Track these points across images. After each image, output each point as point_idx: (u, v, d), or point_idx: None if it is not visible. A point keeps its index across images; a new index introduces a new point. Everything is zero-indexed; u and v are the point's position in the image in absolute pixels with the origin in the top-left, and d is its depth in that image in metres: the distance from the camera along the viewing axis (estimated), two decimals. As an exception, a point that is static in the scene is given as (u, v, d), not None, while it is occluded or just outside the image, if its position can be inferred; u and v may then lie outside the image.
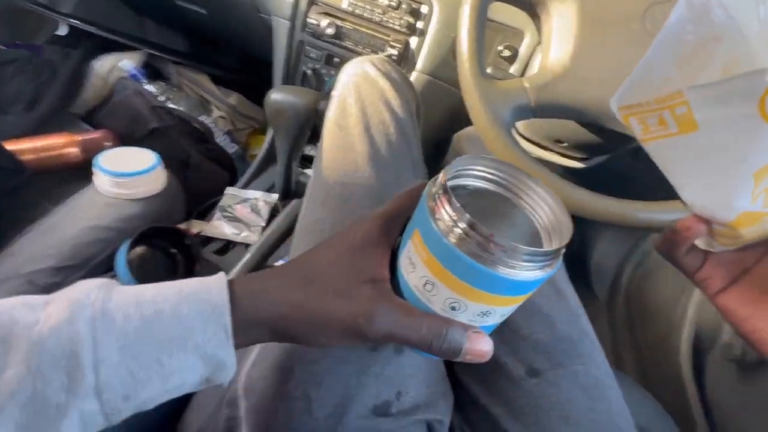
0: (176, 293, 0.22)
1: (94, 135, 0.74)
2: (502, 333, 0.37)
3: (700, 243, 0.24)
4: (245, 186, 0.88)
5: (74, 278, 0.57)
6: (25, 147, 0.68)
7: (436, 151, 0.82)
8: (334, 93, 0.50)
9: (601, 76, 0.43)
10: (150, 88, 0.89)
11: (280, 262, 0.71)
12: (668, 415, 0.50)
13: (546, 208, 0.23)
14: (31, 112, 0.77)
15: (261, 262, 0.59)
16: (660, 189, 0.24)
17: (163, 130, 0.79)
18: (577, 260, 1.02)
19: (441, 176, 0.21)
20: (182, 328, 0.22)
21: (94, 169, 0.63)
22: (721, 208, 0.21)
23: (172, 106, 0.87)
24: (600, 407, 0.34)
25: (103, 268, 0.59)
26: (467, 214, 0.19)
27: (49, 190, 0.68)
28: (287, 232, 0.63)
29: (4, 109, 0.77)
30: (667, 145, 0.20)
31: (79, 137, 0.71)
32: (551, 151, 0.70)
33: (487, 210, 0.24)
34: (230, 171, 0.92)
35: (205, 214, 0.78)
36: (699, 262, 0.24)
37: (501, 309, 0.22)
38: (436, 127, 0.78)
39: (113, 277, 0.58)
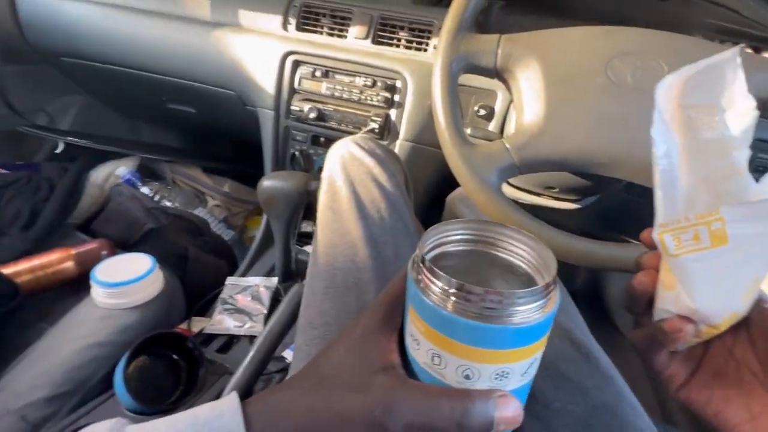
0: (190, 426, 0.22)
1: (89, 246, 0.74)
2: (532, 410, 0.34)
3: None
4: (246, 272, 0.87)
5: (68, 406, 0.53)
6: (21, 268, 0.68)
7: (431, 214, 0.82)
8: (323, 176, 0.51)
9: (577, 129, 0.44)
10: (145, 190, 0.91)
11: (287, 352, 0.67)
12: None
13: (528, 250, 0.24)
14: (28, 232, 0.77)
15: (267, 356, 0.56)
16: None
17: (159, 230, 0.79)
18: (594, 299, 0.98)
19: (417, 251, 0.22)
20: None
21: (91, 282, 0.63)
22: (719, 312, 0.22)
23: (167, 204, 0.89)
24: None
25: (100, 388, 0.56)
26: (453, 279, 0.20)
27: (46, 309, 0.66)
28: (291, 320, 0.60)
29: (1, 230, 0.78)
30: (696, 259, 0.22)
31: (73, 251, 0.71)
32: (544, 196, 0.70)
33: (473, 269, 0.24)
34: (229, 260, 0.91)
35: (206, 309, 0.76)
36: (668, 360, 0.25)
37: (517, 366, 0.21)
38: (428, 190, 0.79)
39: (112, 395, 0.55)
